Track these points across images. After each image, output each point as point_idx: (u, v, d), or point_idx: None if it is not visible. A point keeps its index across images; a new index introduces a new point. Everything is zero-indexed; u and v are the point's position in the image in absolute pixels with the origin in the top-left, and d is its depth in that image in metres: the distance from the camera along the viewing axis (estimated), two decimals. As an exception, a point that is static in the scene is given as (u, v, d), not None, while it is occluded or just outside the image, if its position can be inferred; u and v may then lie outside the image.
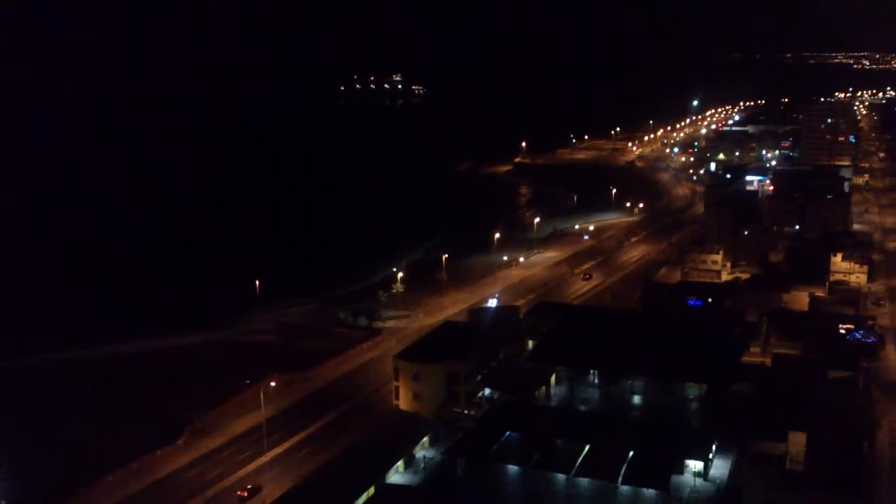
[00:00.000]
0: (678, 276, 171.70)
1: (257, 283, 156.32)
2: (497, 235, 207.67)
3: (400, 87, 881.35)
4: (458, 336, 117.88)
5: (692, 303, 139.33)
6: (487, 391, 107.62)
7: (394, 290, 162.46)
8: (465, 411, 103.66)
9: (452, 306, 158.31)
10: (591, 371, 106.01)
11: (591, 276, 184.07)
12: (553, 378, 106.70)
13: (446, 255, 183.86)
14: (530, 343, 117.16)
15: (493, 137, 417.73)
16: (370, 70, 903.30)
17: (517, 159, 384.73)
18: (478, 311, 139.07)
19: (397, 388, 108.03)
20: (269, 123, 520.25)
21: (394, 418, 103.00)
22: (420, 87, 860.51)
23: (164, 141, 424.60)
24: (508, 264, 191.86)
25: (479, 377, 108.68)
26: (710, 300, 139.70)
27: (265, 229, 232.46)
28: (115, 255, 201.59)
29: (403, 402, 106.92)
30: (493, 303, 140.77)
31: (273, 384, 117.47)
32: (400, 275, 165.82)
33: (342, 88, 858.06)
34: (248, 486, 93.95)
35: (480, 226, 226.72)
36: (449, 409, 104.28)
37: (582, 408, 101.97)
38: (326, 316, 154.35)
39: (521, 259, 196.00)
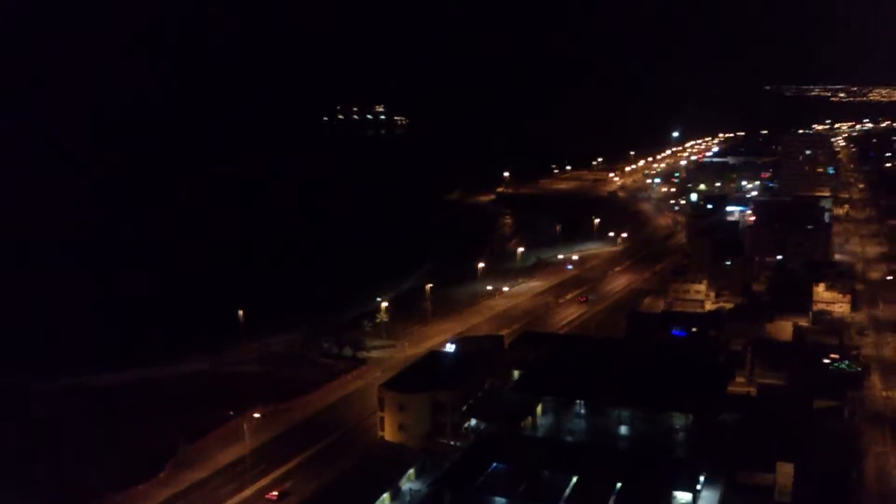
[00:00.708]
0: (662, 306, 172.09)
1: (241, 312, 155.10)
2: (481, 265, 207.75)
3: (383, 117, 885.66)
4: (443, 366, 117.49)
5: (677, 332, 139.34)
6: (473, 422, 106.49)
7: (378, 320, 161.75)
8: (452, 442, 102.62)
9: (437, 336, 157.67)
10: (578, 401, 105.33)
11: (587, 299, 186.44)
12: (539, 408, 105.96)
13: (431, 285, 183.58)
14: (516, 373, 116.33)
15: (475, 167, 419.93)
16: (352, 101, 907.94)
17: (500, 189, 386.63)
18: (463, 341, 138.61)
19: (383, 419, 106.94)
20: (254, 154, 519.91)
21: (379, 449, 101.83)
22: (402, 118, 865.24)
23: (151, 169, 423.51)
24: (493, 294, 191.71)
25: (464, 407, 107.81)
26: (694, 330, 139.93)
27: (249, 259, 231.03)
28: (91, 285, 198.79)
29: (389, 433, 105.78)
30: (449, 347, 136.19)
31: (257, 415, 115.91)
32: (384, 305, 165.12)
33: (325, 119, 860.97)
34: (276, 492, 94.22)
35: (464, 256, 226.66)
36: (435, 440, 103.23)
37: (569, 438, 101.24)
38: (311, 346, 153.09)
39: (506, 289, 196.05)
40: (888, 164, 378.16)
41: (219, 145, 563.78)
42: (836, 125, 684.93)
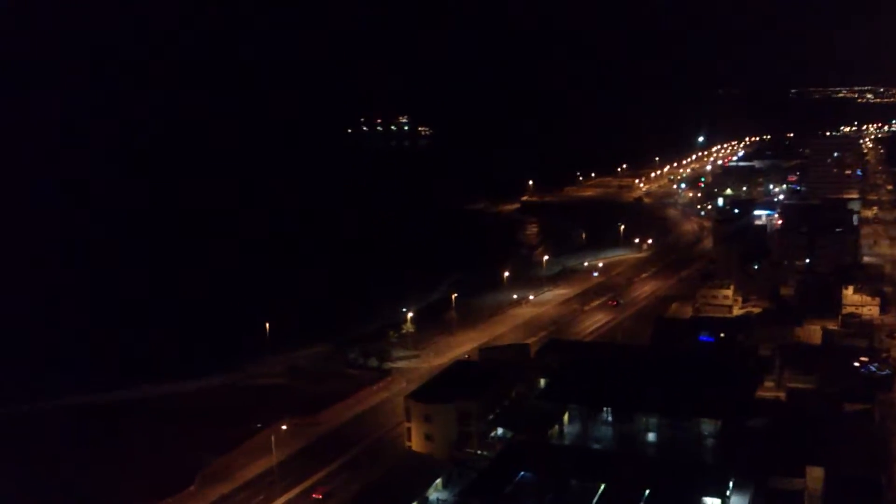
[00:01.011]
0: (689, 312, 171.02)
1: (267, 325, 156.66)
2: (507, 274, 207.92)
3: (406, 128, 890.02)
4: (469, 375, 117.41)
5: (704, 338, 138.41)
6: (500, 431, 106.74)
7: (404, 331, 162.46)
8: (478, 452, 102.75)
9: (463, 345, 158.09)
10: (605, 408, 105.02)
11: (618, 303, 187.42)
12: (566, 416, 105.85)
13: (456, 294, 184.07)
14: (542, 381, 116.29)
15: (501, 176, 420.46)
16: (377, 112, 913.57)
17: (524, 197, 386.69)
18: (489, 350, 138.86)
19: (409, 430, 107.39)
20: (280, 165, 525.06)
21: (406, 460, 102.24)
22: (426, 129, 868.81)
23: (172, 172, 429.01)
24: (518, 302, 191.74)
25: (491, 417, 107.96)
26: (722, 335, 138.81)
27: (276, 272, 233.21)
28: (118, 299, 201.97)
29: (416, 444, 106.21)
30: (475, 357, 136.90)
31: (284, 428, 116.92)
32: (410, 315, 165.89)
33: (349, 130, 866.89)
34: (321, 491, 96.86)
35: (490, 264, 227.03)
36: (462, 449, 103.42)
37: (596, 446, 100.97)
38: (337, 358, 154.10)
39: (531, 297, 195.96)
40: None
41: (240, 154, 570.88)
42: (864, 126, 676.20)
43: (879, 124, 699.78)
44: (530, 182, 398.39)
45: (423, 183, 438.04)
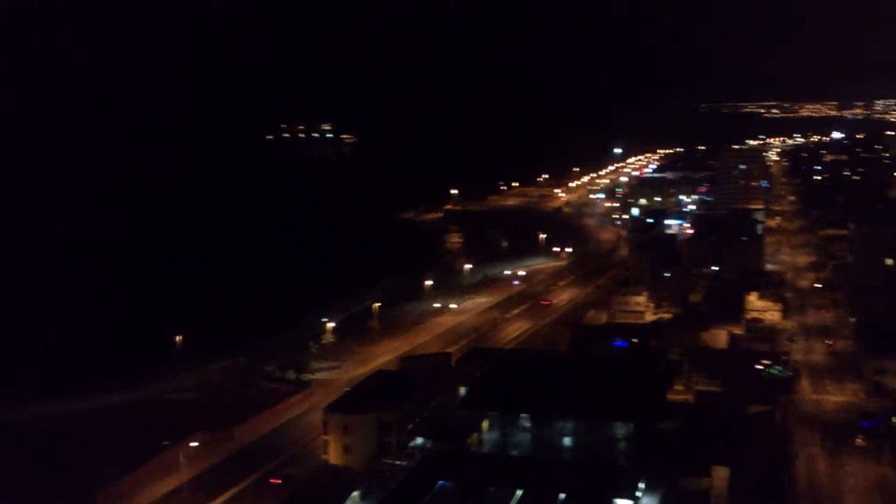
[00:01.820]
0: (605, 318, 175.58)
1: (177, 338, 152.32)
2: (429, 282, 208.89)
3: (330, 135, 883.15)
4: (389, 386, 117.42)
5: (618, 343, 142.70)
6: (420, 440, 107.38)
7: (324, 341, 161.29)
8: (398, 462, 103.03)
9: (384, 355, 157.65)
10: (523, 415, 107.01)
11: (550, 303, 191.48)
12: (486, 424, 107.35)
13: (378, 304, 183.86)
14: (462, 390, 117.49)
15: (424, 185, 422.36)
16: (297, 119, 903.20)
17: (448, 206, 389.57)
18: (410, 360, 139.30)
19: (327, 442, 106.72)
20: (194, 174, 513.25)
21: (323, 473, 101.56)
22: (350, 136, 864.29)
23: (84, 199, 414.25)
24: (440, 311, 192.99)
25: (411, 427, 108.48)
26: (635, 341, 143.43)
27: (186, 281, 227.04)
28: (16, 311, 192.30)
29: (333, 456, 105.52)
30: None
31: (195, 444, 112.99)
32: (330, 325, 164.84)
33: (270, 137, 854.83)
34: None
35: (413, 273, 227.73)
36: (380, 460, 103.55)
37: (515, 452, 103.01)
38: (253, 370, 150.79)
39: (454, 305, 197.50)
40: (817, 177, 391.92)
41: (156, 162, 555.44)
42: (769, 140, 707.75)
43: (783, 138, 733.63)
44: (454, 191, 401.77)
45: (345, 191, 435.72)
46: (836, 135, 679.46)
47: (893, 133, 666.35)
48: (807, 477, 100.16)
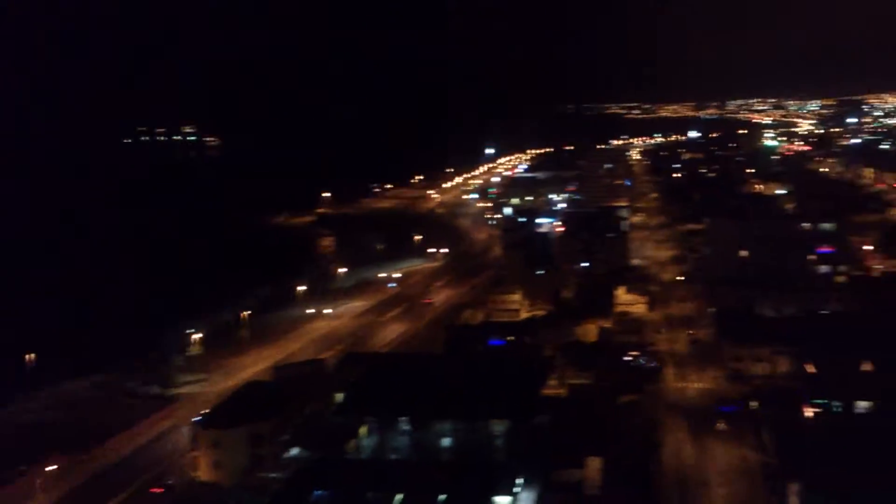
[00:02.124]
0: (480, 318, 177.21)
1: (30, 357, 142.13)
2: (302, 288, 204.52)
3: (192, 138, 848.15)
4: (261, 396, 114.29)
5: (494, 342, 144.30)
6: (295, 451, 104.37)
7: (190, 354, 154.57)
8: (272, 475, 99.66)
9: (256, 365, 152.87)
10: (401, 418, 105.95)
11: (432, 301, 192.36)
12: (363, 430, 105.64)
13: (248, 312, 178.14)
14: (339, 396, 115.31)
15: (297, 188, 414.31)
16: (158, 121, 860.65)
17: (320, 210, 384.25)
18: (283, 368, 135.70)
19: (197, 458, 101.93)
20: (47, 178, 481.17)
21: (193, 491, 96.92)
22: (214, 138, 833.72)
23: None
24: (315, 317, 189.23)
25: (285, 437, 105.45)
26: (510, 338, 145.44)
27: (38, 295, 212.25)
28: None
29: (204, 473, 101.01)
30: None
31: (52, 467, 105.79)
32: (197, 336, 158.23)
33: (127, 141, 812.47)
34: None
35: (285, 279, 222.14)
36: (254, 474, 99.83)
37: (394, 457, 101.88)
38: (114, 387, 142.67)
39: (328, 310, 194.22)
40: (676, 175, 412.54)
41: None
42: (632, 140, 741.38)
43: (645, 138, 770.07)
44: (327, 194, 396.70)
45: (210, 196, 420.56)
46: (693, 134, 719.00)
47: (745, 131, 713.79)
48: (674, 462, 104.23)
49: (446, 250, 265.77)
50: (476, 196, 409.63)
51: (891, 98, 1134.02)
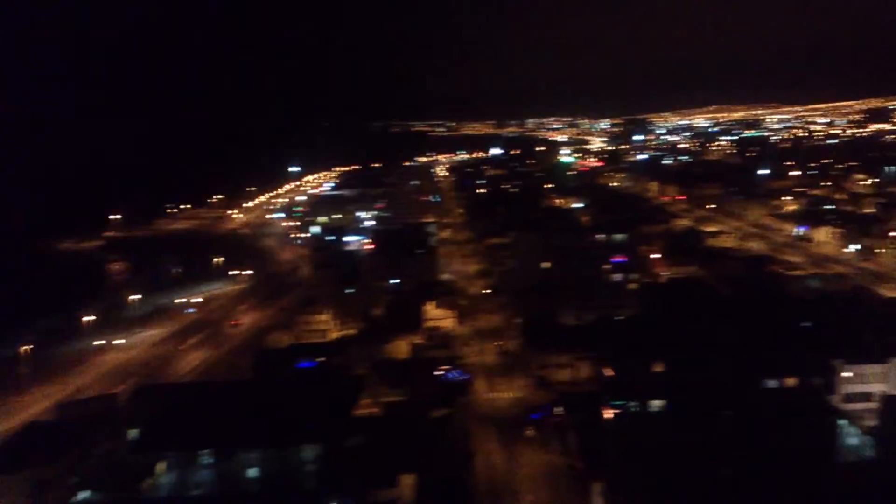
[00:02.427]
0: (288, 340, 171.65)
1: None
2: (90, 318, 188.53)
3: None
4: (44, 438, 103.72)
5: (304, 364, 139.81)
6: (85, 494, 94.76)
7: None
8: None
9: (38, 403, 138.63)
10: (203, 451, 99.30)
11: (239, 324, 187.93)
12: (161, 466, 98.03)
13: (29, 347, 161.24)
14: (133, 432, 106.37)
15: (77, 211, 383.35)
16: None
17: (108, 233, 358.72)
18: (69, 406, 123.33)
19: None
20: None
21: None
22: None
23: None
24: (104, 349, 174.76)
25: (74, 480, 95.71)
26: (320, 360, 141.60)
27: None
28: None
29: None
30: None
31: None
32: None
33: None
34: None
35: (71, 309, 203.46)
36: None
37: (197, 492, 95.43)
38: None
39: (120, 341, 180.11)
40: (481, 191, 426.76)
41: None
42: (437, 157, 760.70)
43: (450, 155, 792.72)
44: (115, 216, 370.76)
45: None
46: (495, 151, 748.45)
47: (543, 148, 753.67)
48: (485, 471, 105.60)
49: (251, 272, 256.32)
50: (282, 215, 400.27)
51: (672, 117, 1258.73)
